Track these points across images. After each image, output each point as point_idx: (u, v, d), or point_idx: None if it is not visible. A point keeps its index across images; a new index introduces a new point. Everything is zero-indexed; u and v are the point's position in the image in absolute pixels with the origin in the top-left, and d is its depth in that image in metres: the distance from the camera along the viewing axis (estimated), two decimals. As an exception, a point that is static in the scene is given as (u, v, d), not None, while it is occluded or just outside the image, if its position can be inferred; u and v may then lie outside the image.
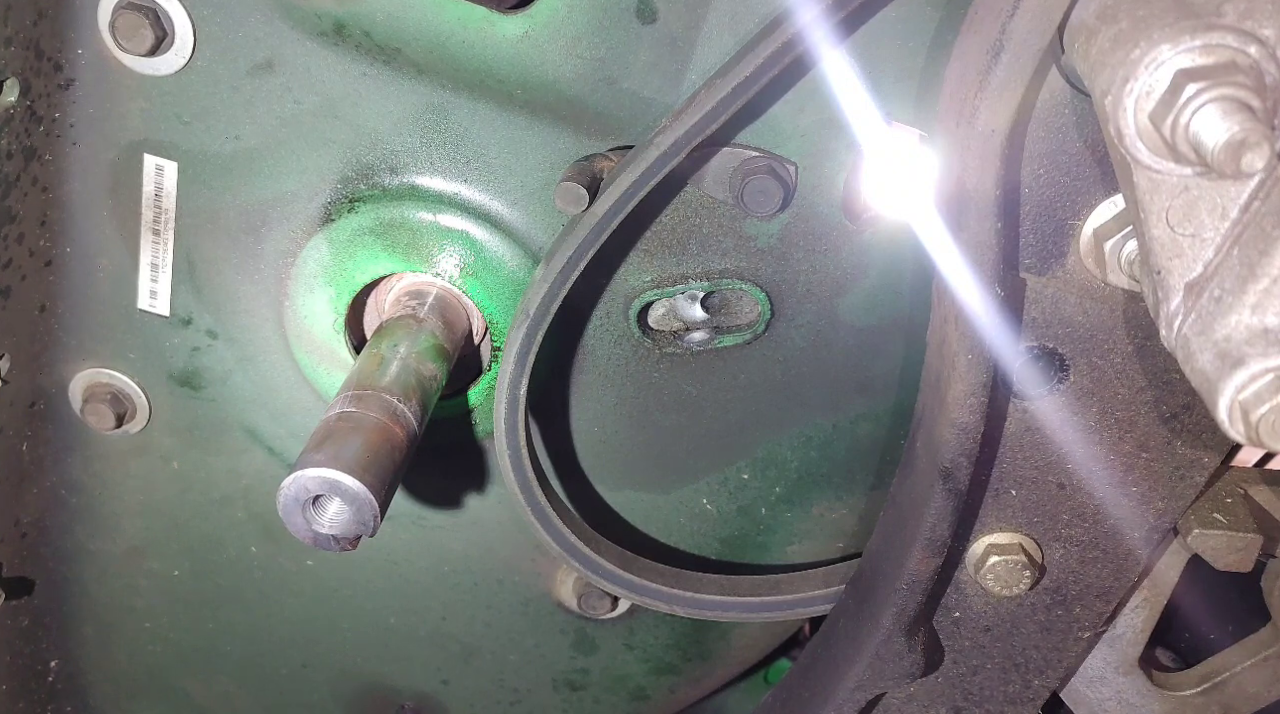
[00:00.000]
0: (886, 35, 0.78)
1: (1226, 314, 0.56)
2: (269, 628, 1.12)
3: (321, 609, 1.10)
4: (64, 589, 1.10)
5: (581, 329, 0.92)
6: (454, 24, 0.81)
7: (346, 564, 1.07)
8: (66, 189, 0.91)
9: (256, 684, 1.16)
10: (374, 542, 0.78)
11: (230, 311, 0.95)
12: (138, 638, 1.13)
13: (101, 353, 0.97)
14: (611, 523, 1.01)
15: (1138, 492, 0.80)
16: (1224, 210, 0.58)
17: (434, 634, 1.11)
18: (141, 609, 1.11)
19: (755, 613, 0.94)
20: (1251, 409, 0.54)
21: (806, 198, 0.85)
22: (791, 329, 0.91)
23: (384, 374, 0.83)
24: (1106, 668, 0.94)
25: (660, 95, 0.82)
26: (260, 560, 1.07)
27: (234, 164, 0.89)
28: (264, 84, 0.85)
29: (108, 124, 0.88)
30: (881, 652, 0.84)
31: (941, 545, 0.79)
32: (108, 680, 1.16)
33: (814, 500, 1.00)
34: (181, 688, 1.16)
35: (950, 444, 0.75)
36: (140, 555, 1.08)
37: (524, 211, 0.88)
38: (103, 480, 1.04)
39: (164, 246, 0.92)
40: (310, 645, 1.13)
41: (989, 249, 0.69)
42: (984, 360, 0.72)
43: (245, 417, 1.00)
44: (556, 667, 1.12)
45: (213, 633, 1.13)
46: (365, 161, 0.88)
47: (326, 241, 0.90)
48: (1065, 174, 0.70)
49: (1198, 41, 0.54)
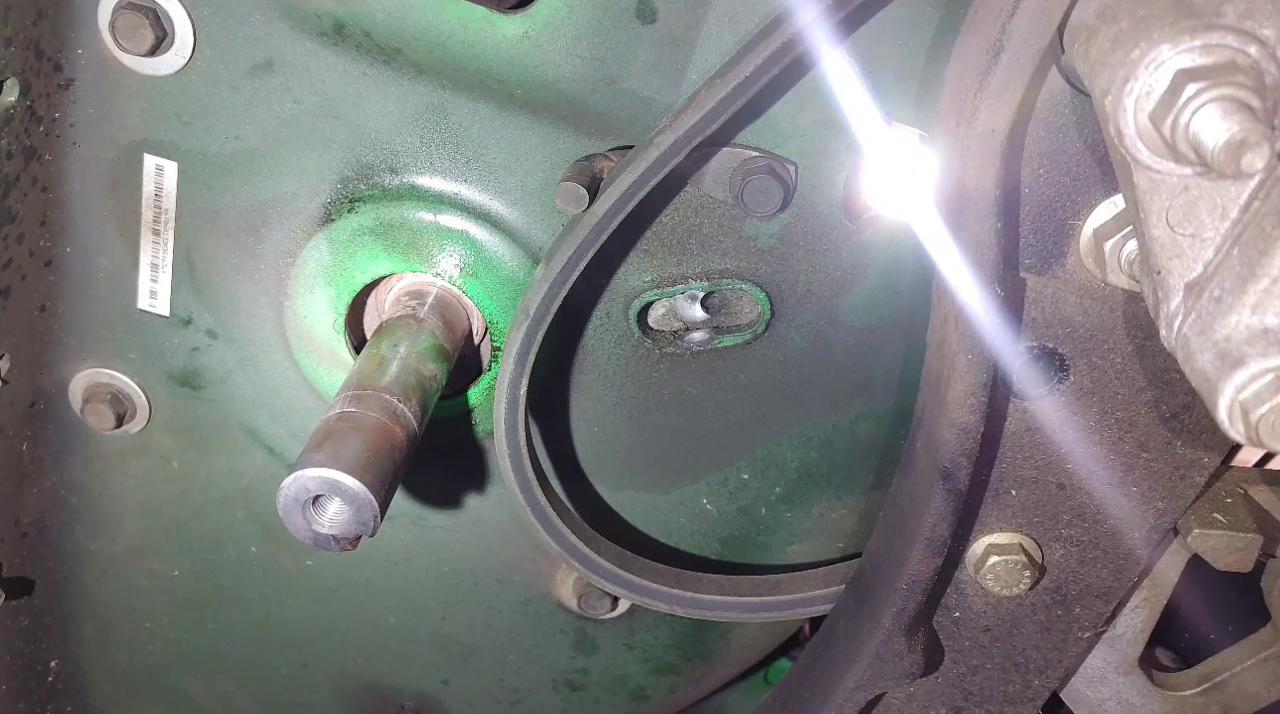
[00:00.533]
0: (886, 35, 0.78)
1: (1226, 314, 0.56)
2: (269, 628, 1.12)
3: (321, 609, 1.10)
4: (64, 589, 1.10)
5: (581, 329, 0.92)
6: (454, 24, 0.81)
7: (346, 564, 1.07)
8: (66, 189, 0.91)
9: (256, 684, 1.16)
10: (374, 542, 0.78)
11: (230, 312, 0.95)
12: (138, 638, 1.13)
13: (101, 353, 0.97)
14: (611, 523, 1.01)
15: (1138, 492, 0.80)
16: (1224, 210, 0.58)
17: (434, 634, 1.11)
18: (141, 609, 1.11)
19: (755, 613, 0.94)
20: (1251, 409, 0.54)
21: (806, 198, 0.85)
22: (791, 329, 0.91)
23: (384, 374, 0.83)
24: (1106, 668, 0.94)
25: (660, 95, 0.82)
26: (260, 560, 1.07)
27: (234, 164, 0.89)
28: (264, 84, 0.85)
29: (108, 124, 0.88)
30: (881, 652, 0.84)
31: (941, 545, 0.79)
32: (108, 680, 1.16)
33: (814, 500, 1.00)
34: (181, 688, 1.16)
35: (950, 444, 0.75)
36: (140, 555, 1.08)
37: (524, 211, 0.88)
38: (103, 480, 1.04)
39: (164, 246, 0.92)
40: (310, 645, 1.13)
41: (989, 249, 0.69)
42: (984, 360, 0.72)
43: (245, 417, 1.00)
44: (556, 667, 1.12)
45: (213, 633, 1.13)
46: (365, 161, 0.88)
47: (326, 241, 0.90)
48: (1065, 174, 0.70)
49: (1198, 41, 0.54)
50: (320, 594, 1.09)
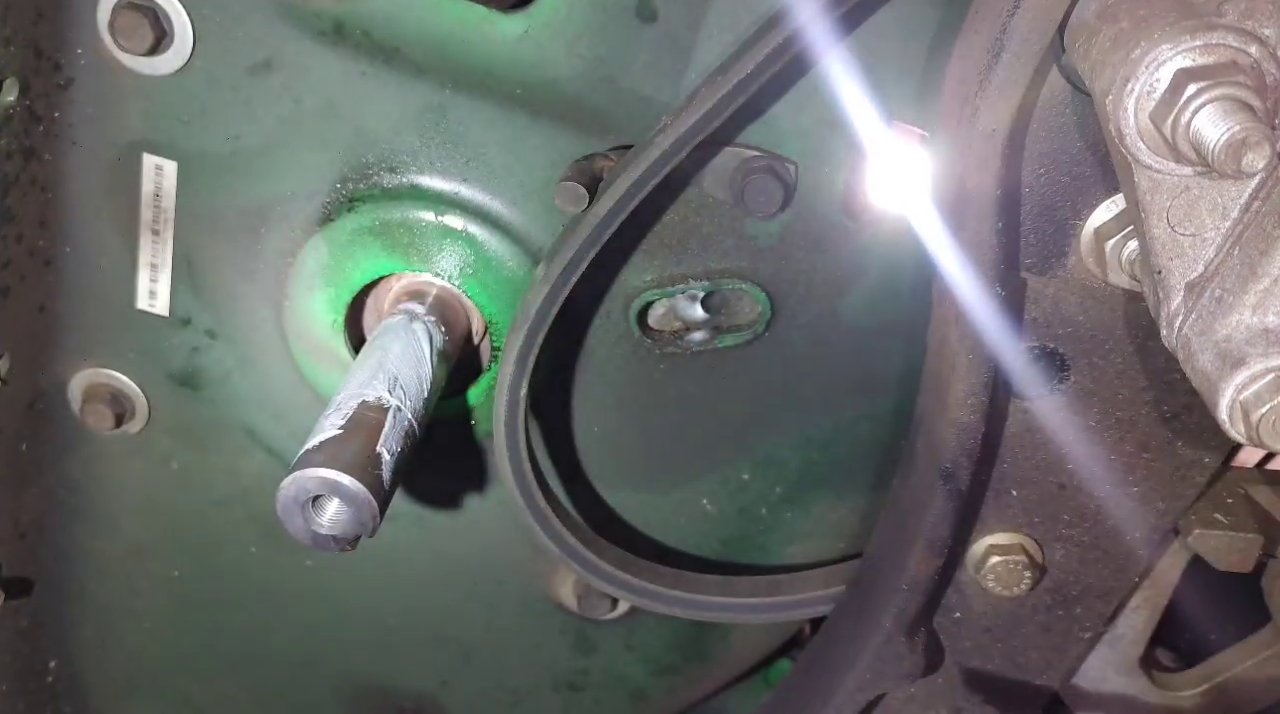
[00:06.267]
0: (886, 35, 0.78)
1: (1227, 314, 0.56)
2: (268, 628, 1.12)
3: (321, 610, 1.10)
4: (64, 589, 1.09)
5: (581, 329, 0.92)
6: (454, 23, 0.81)
7: (346, 565, 1.06)
8: (66, 189, 0.90)
9: (256, 684, 1.16)
10: (373, 542, 0.78)
11: (229, 311, 0.95)
12: (137, 638, 1.13)
13: (100, 353, 0.97)
14: (611, 523, 1.01)
15: (1138, 492, 0.80)
16: (1225, 210, 0.58)
17: (433, 635, 1.11)
18: (141, 609, 1.11)
19: (755, 614, 0.94)
20: (1252, 409, 0.54)
21: (807, 198, 0.84)
22: (792, 329, 0.91)
23: (383, 374, 0.83)
24: (1107, 668, 0.93)
25: (660, 94, 0.81)
26: (260, 561, 1.07)
27: (233, 164, 0.89)
28: (263, 84, 0.85)
29: (107, 124, 0.88)
30: (882, 652, 0.84)
31: (942, 546, 0.79)
32: (107, 680, 1.16)
33: (814, 500, 1.00)
34: (181, 688, 1.16)
35: (951, 444, 0.75)
36: (140, 555, 1.08)
37: (524, 211, 0.88)
38: (102, 480, 1.04)
39: (163, 246, 0.92)
40: (310, 646, 1.13)
41: (989, 249, 0.69)
42: (984, 360, 0.72)
43: (245, 417, 0.99)
44: (556, 667, 1.12)
45: (212, 633, 1.13)
46: (364, 161, 0.88)
47: (326, 241, 0.90)
48: (1066, 174, 0.70)
49: (1198, 41, 0.54)
50: (319, 595, 1.09)
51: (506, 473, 0.87)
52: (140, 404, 0.99)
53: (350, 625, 1.11)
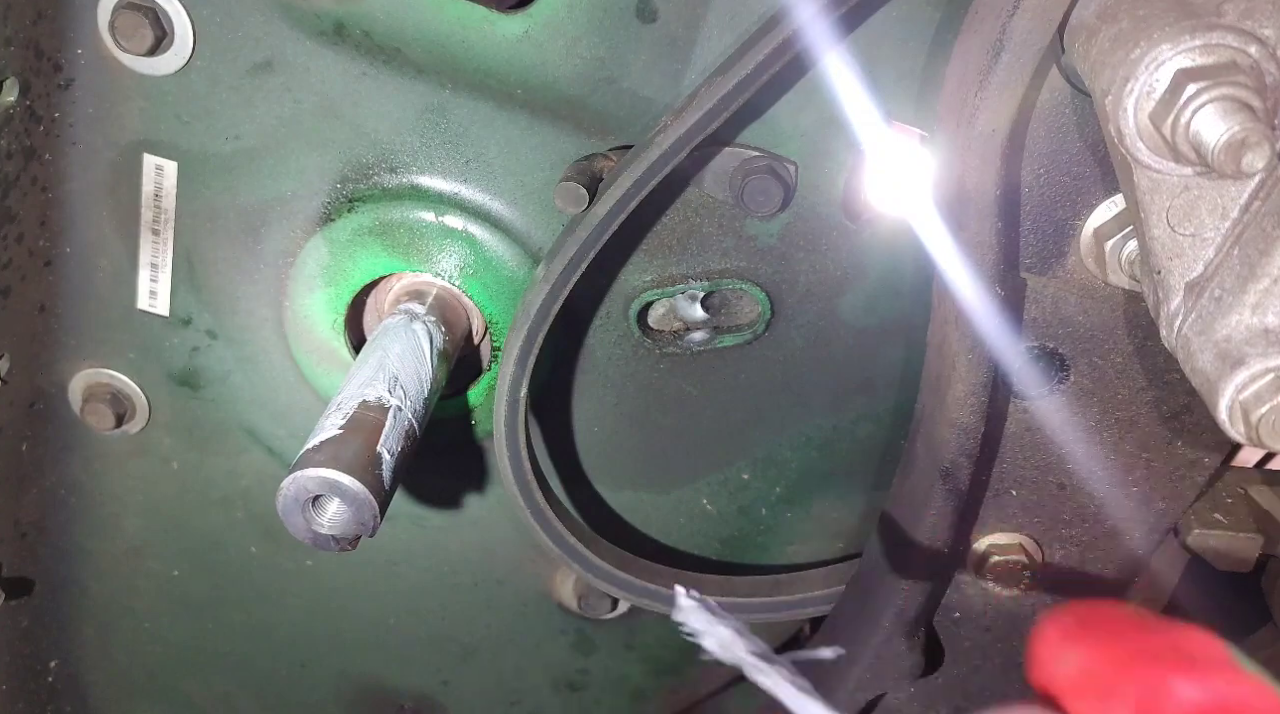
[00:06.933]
0: (886, 35, 0.78)
1: (1227, 314, 0.56)
2: (268, 628, 1.12)
3: (321, 610, 1.10)
4: (64, 589, 1.09)
5: (581, 329, 0.92)
6: (454, 24, 0.81)
7: (346, 565, 1.07)
8: (66, 189, 0.90)
9: (256, 684, 1.16)
10: (374, 542, 0.78)
11: (230, 311, 0.95)
12: (137, 638, 1.13)
13: (101, 353, 0.97)
14: (611, 523, 1.01)
15: (1138, 492, 0.80)
16: (1224, 210, 0.58)
17: (434, 635, 1.11)
18: (141, 609, 1.11)
19: (755, 613, 0.94)
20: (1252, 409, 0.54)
21: (807, 198, 0.85)
22: (792, 329, 0.91)
23: (384, 374, 0.83)
24: (1107, 668, 0.93)
25: (660, 95, 0.82)
26: (260, 561, 1.07)
27: (233, 164, 0.89)
28: (264, 84, 0.85)
29: (107, 124, 0.88)
30: (882, 652, 0.84)
31: (942, 546, 0.79)
32: (107, 680, 1.16)
33: (814, 500, 1.00)
34: (181, 688, 1.16)
35: (950, 444, 0.75)
36: (140, 555, 1.08)
37: (524, 211, 0.88)
38: (102, 480, 1.04)
39: (163, 246, 0.92)
40: (310, 646, 1.13)
41: (989, 249, 0.69)
42: (984, 360, 0.72)
43: (245, 417, 1.00)
44: (556, 667, 1.12)
45: (212, 633, 1.13)
46: (365, 161, 0.88)
47: (326, 241, 0.90)
48: (1065, 174, 0.70)
49: (1198, 41, 0.54)
50: (320, 595, 1.09)
51: (506, 473, 0.87)
52: (140, 404, 0.99)
53: (350, 625, 1.11)
